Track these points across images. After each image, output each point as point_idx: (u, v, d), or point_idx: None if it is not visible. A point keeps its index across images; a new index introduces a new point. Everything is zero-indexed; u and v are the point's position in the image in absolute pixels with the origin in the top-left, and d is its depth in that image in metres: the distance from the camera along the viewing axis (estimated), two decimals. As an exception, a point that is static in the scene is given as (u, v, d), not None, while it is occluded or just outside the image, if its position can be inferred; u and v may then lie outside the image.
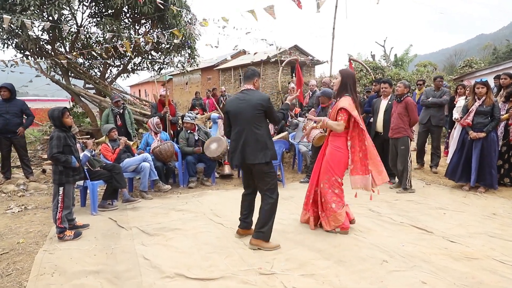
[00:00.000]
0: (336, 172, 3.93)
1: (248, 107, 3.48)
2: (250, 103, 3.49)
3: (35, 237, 4.03)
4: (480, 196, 5.27)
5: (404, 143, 5.57)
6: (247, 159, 3.49)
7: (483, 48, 47.14)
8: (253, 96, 3.52)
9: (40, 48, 9.57)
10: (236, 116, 3.55)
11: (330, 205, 3.92)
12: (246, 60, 23.53)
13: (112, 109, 7.07)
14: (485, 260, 3.21)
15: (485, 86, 5.33)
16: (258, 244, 3.54)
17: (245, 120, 3.49)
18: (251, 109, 3.47)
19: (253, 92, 3.58)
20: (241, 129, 3.52)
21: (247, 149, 3.48)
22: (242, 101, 3.53)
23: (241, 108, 3.52)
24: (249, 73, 3.67)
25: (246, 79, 3.67)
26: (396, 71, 14.79)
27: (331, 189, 3.94)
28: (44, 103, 21.24)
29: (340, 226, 3.94)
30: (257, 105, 3.47)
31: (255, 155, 3.46)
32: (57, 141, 3.87)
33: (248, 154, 3.48)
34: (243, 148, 3.49)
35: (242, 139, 3.49)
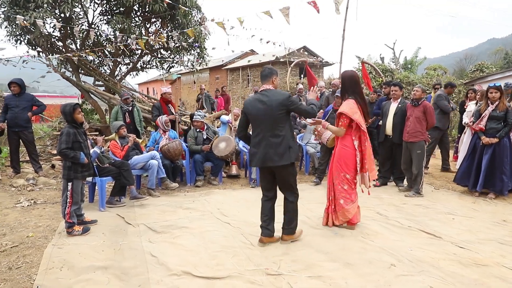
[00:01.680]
0: (343, 168, 4.03)
1: (269, 109, 3.40)
2: (271, 104, 3.40)
3: (44, 231, 4.07)
4: (490, 202, 5.21)
5: (421, 147, 5.53)
6: (270, 161, 3.41)
7: (494, 52, 46.61)
8: (273, 97, 3.43)
9: (51, 45, 9.66)
10: (257, 119, 3.48)
11: (338, 200, 4.08)
12: (255, 60, 23.55)
13: (121, 107, 7.12)
14: (495, 267, 3.17)
15: (499, 90, 5.27)
16: (291, 238, 3.70)
17: (267, 122, 3.41)
18: (272, 111, 3.39)
19: (272, 92, 3.48)
20: (263, 131, 3.45)
21: (270, 151, 3.40)
22: (263, 102, 3.44)
23: (262, 110, 3.43)
24: (266, 72, 3.58)
25: (264, 78, 3.57)
26: (406, 74, 14.69)
27: (340, 185, 4.07)
28: (53, 99, 21.47)
29: (352, 221, 4.11)
30: (278, 106, 3.38)
31: (280, 156, 3.39)
32: (66, 137, 3.91)
33: (271, 156, 3.40)
34: (266, 151, 3.42)
35: (265, 142, 3.42)
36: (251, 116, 3.53)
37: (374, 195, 5.66)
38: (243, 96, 24.73)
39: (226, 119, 7.72)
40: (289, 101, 3.41)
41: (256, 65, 24.60)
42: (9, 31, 8.84)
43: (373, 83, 13.33)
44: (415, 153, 5.55)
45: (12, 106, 6.30)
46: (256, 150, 3.50)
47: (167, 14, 9.34)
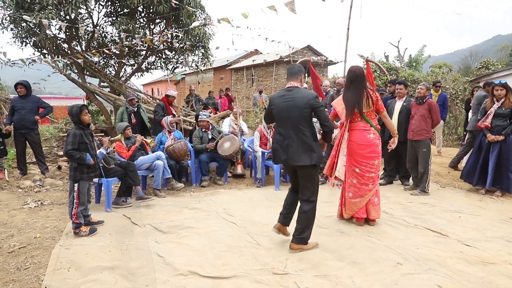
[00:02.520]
0: (350, 162, 4.11)
1: (294, 107, 3.33)
2: (296, 102, 3.33)
3: (52, 232, 4.11)
4: (496, 200, 5.18)
5: (427, 145, 5.52)
6: (290, 160, 3.36)
7: (500, 49, 46.20)
8: (300, 95, 3.35)
9: (57, 47, 9.73)
10: (281, 115, 3.43)
11: (347, 193, 4.18)
12: (259, 60, 23.54)
13: (127, 107, 7.16)
14: (502, 265, 3.15)
15: (504, 88, 5.23)
16: (300, 248, 3.49)
17: (291, 120, 3.35)
18: (297, 109, 3.32)
19: (299, 90, 3.40)
20: (285, 129, 3.39)
21: (290, 150, 3.34)
22: (288, 99, 3.38)
23: (286, 107, 3.37)
24: (295, 69, 3.51)
25: (292, 75, 3.49)
26: (411, 72, 14.62)
27: (350, 178, 4.14)
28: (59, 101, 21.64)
29: (356, 215, 4.19)
30: (304, 105, 3.30)
31: (300, 156, 3.32)
32: (73, 138, 3.94)
33: (292, 155, 3.34)
34: (287, 149, 3.37)
35: (289, 140, 3.36)
36: (276, 111, 3.46)
37: (380, 193, 5.63)
38: (248, 96, 24.73)
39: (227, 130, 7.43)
40: (316, 102, 3.33)
41: (260, 65, 24.59)
42: (15, 33, 8.91)
43: (378, 81, 13.29)
44: (421, 151, 5.52)
45: (18, 108, 6.35)
46: (278, 147, 3.45)
47: (171, 15, 9.37)
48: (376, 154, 4.05)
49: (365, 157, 4.03)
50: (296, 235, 3.47)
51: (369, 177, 4.08)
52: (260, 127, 6.71)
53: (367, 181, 4.08)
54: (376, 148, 4.04)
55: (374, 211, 4.18)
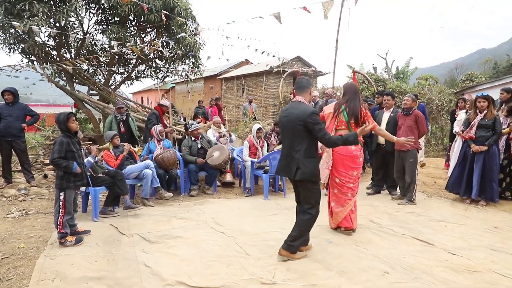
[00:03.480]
0: (332, 172, 4.25)
1: (290, 122, 3.41)
2: (291, 118, 3.40)
3: (36, 242, 4.03)
4: (481, 209, 5.27)
5: (413, 155, 5.60)
6: (290, 175, 3.43)
7: (484, 62, 47.37)
8: (296, 111, 3.39)
9: (46, 54, 9.66)
10: (282, 131, 3.57)
11: (331, 203, 4.30)
12: (249, 70, 23.69)
13: (116, 116, 7.11)
14: (486, 273, 3.20)
15: (487, 100, 5.37)
16: (288, 256, 3.48)
17: (292, 135, 3.40)
18: (292, 124, 3.39)
19: (298, 105, 3.44)
20: (288, 143, 3.47)
21: (291, 165, 3.39)
22: (287, 115, 3.47)
23: (285, 122, 3.47)
24: (304, 83, 3.56)
25: (300, 89, 3.55)
26: (398, 84, 14.86)
27: (332, 188, 4.30)
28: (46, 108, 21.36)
29: (341, 225, 4.27)
30: (297, 120, 3.33)
31: (292, 170, 3.37)
32: (59, 146, 3.90)
33: (291, 170, 3.40)
34: (288, 163, 3.44)
35: (288, 154, 3.43)
36: (279, 127, 3.64)
37: (368, 203, 5.70)
38: (238, 106, 24.80)
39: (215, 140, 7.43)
40: (311, 118, 3.28)
41: (250, 75, 24.72)
42: (3, 40, 8.84)
43: (366, 92, 13.49)
44: (408, 161, 5.60)
45: (5, 115, 6.26)
46: (280, 160, 3.59)
47: (162, 24, 9.42)
48: (356, 165, 4.18)
49: (346, 167, 4.15)
50: (288, 241, 3.49)
51: (348, 188, 4.20)
52: (250, 136, 6.73)
53: (346, 191, 4.21)
54: (356, 160, 4.15)
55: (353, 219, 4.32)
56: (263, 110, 22.60)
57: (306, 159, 3.36)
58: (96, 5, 9.44)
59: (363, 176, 7.53)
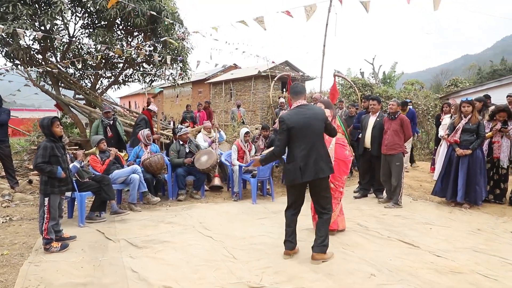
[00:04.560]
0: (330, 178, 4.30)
1: (316, 121, 3.45)
2: (316, 117, 3.47)
3: (20, 249, 3.96)
4: (465, 212, 5.36)
5: (399, 159, 5.68)
6: (321, 172, 3.40)
7: (468, 68, 48.46)
8: (316, 110, 3.54)
9: (30, 58, 9.53)
10: (303, 132, 3.43)
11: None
12: (238, 74, 23.73)
13: (102, 120, 7.05)
14: (469, 275, 3.26)
15: (471, 104, 5.48)
16: (322, 258, 3.53)
17: (315, 134, 3.45)
18: (319, 123, 3.46)
19: (311, 106, 3.58)
20: (310, 143, 3.43)
21: (320, 163, 3.40)
22: (307, 115, 3.45)
23: (307, 122, 3.44)
24: (299, 88, 3.66)
25: (297, 94, 3.61)
26: (385, 89, 15.09)
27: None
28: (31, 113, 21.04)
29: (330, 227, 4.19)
30: (323, 119, 3.50)
31: (327, 168, 3.46)
32: (43, 151, 3.85)
33: (322, 167, 3.41)
34: (316, 162, 3.39)
35: (315, 154, 3.40)
36: (296, 129, 3.43)
37: (355, 206, 5.76)
38: (226, 110, 24.79)
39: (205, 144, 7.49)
40: (326, 117, 3.59)
41: (239, 79, 24.77)
42: (-15, 43, 8.70)
43: (353, 97, 13.64)
44: (394, 165, 5.68)
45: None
46: (306, 160, 3.41)
47: (149, 28, 9.39)
48: (347, 170, 4.40)
49: (340, 172, 4.28)
50: (319, 243, 3.53)
51: (340, 192, 4.33)
52: (238, 140, 6.74)
53: (338, 195, 4.31)
54: (349, 164, 4.34)
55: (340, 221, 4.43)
56: (252, 115, 22.63)
57: (328, 156, 3.55)
58: (82, 9, 9.37)
59: (350, 180, 7.60)
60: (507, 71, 34.11)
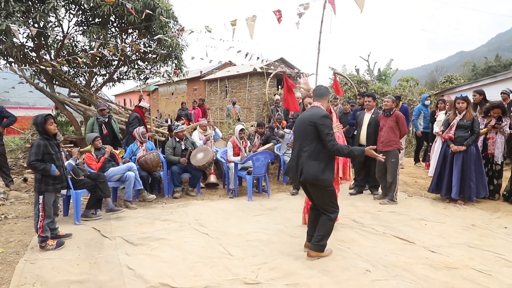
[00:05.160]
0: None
1: (302, 123, 3.51)
2: (304, 119, 3.52)
3: (16, 247, 3.95)
4: (459, 208, 5.41)
5: (395, 156, 5.70)
6: (302, 176, 3.39)
7: (463, 64, 48.67)
8: (309, 112, 3.51)
9: (24, 55, 9.45)
10: (297, 133, 3.59)
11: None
12: (233, 72, 23.70)
13: (97, 118, 7.02)
14: (464, 270, 3.30)
15: (465, 101, 5.51)
16: (318, 255, 3.56)
17: (299, 137, 3.52)
18: (304, 125, 3.47)
19: (312, 109, 3.55)
20: (295, 144, 3.57)
21: (305, 167, 3.39)
22: (302, 116, 3.59)
23: (298, 124, 3.58)
24: (322, 90, 3.65)
25: (318, 96, 3.63)
26: (380, 85, 15.15)
27: None
28: (26, 111, 20.84)
29: None
30: (308, 122, 3.42)
31: (311, 174, 3.35)
32: (36, 149, 3.83)
33: (306, 172, 3.37)
34: (301, 164, 3.43)
35: (302, 156, 3.44)
36: (295, 129, 3.67)
37: (350, 203, 5.78)
38: (221, 107, 24.76)
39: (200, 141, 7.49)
40: (321, 120, 3.34)
41: (234, 77, 24.75)
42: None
43: (348, 93, 13.68)
44: (390, 161, 5.70)
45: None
46: (294, 162, 3.52)
47: (144, 25, 9.33)
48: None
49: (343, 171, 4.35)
50: (315, 242, 3.53)
51: (339, 189, 4.38)
52: (233, 137, 6.74)
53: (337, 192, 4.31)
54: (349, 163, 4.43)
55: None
56: (247, 112, 22.63)
57: (311, 161, 3.38)
58: (76, 6, 9.29)
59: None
60: (501, 67, 34.33)
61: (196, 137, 7.33)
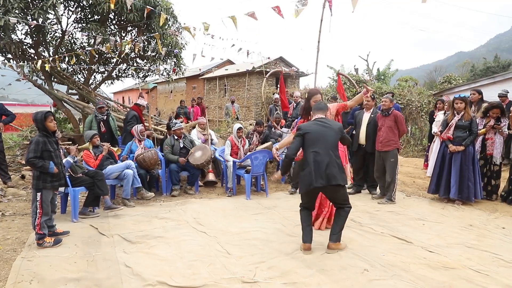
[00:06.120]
0: None
1: (331, 131, 3.71)
2: (333, 128, 3.74)
3: (13, 244, 3.94)
4: (457, 208, 5.41)
5: (394, 155, 5.70)
6: (333, 179, 3.55)
7: (462, 65, 48.73)
8: (334, 123, 3.83)
9: (23, 52, 9.42)
10: (318, 137, 3.69)
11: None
12: (232, 70, 23.65)
13: (96, 115, 7.00)
14: (461, 270, 3.30)
15: (464, 101, 5.51)
16: (337, 247, 3.73)
17: (329, 141, 3.67)
18: (334, 134, 3.71)
19: (330, 120, 3.91)
20: (324, 149, 3.63)
21: (333, 170, 3.57)
22: (325, 125, 3.75)
23: (324, 131, 3.70)
24: (322, 105, 3.98)
25: (319, 110, 3.92)
26: (379, 85, 15.14)
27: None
28: (24, 108, 20.82)
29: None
30: (338, 130, 3.74)
31: (340, 177, 3.60)
32: (35, 146, 3.81)
33: (334, 175, 3.56)
34: (328, 168, 3.57)
35: (327, 160, 3.58)
36: (311, 134, 3.69)
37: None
38: (220, 106, 24.74)
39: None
40: (343, 129, 3.84)
41: (233, 75, 24.71)
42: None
43: (348, 93, 13.68)
44: (389, 161, 5.70)
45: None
46: (318, 166, 3.59)
47: (143, 23, 9.30)
48: None
49: None
50: (335, 232, 3.74)
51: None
52: (231, 136, 6.73)
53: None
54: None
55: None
56: (246, 111, 22.61)
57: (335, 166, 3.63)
58: (75, 3, 9.26)
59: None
60: (500, 68, 34.36)
61: (194, 136, 7.32)
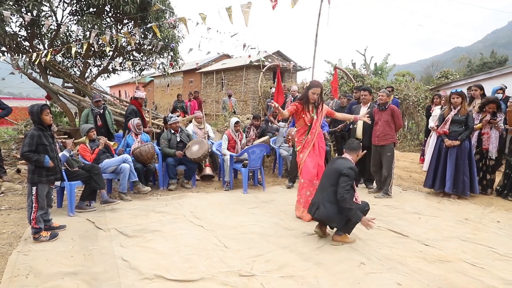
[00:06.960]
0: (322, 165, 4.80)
1: (331, 169, 3.90)
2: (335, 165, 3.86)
3: (9, 238, 3.92)
4: (453, 202, 5.44)
5: (391, 149, 5.71)
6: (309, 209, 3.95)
7: (459, 60, 48.77)
8: (340, 161, 3.91)
9: (17, 45, 9.32)
10: (324, 174, 4.04)
11: (306, 192, 4.67)
12: (229, 64, 23.58)
13: (92, 109, 6.94)
14: (457, 263, 3.33)
15: (460, 96, 5.52)
16: (343, 240, 3.81)
17: (324, 176, 3.99)
18: (332, 171, 3.83)
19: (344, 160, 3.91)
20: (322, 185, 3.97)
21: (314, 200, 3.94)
22: (334, 162, 3.96)
23: (328, 167, 4.02)
24: (355, 146, 3.99)
25: (350, 150, 3.95)
26: (376, 80, 15.12)
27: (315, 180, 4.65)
28: (19, 102, 20.65)
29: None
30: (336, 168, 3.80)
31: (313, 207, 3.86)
32: (30, 140, 3.78)
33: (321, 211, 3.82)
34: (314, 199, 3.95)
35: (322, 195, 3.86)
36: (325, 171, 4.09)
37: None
38: (217, 100, 24.68)
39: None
40: (346, 170, 3.71)
41: (230, 69, 24.63)
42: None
43: (345, 87, 13.66)
44: (386, 155, 5.71)
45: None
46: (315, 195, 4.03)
47: (139, 15, 9.22)
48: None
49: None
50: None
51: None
52: (228, 130, 6.71)
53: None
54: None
55: None
56: (243, 105, 22.57)
57: (328, 203, 3.70)
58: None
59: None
60: (496, 63, 34.42)
61: (191, 131, 7.30)
